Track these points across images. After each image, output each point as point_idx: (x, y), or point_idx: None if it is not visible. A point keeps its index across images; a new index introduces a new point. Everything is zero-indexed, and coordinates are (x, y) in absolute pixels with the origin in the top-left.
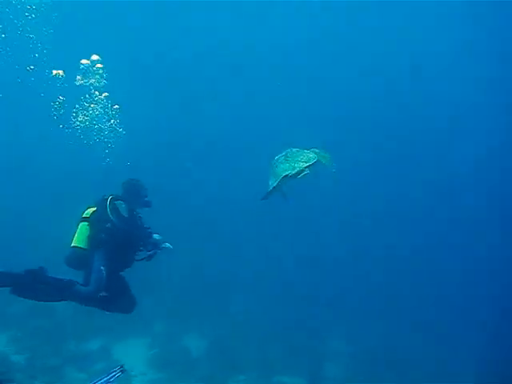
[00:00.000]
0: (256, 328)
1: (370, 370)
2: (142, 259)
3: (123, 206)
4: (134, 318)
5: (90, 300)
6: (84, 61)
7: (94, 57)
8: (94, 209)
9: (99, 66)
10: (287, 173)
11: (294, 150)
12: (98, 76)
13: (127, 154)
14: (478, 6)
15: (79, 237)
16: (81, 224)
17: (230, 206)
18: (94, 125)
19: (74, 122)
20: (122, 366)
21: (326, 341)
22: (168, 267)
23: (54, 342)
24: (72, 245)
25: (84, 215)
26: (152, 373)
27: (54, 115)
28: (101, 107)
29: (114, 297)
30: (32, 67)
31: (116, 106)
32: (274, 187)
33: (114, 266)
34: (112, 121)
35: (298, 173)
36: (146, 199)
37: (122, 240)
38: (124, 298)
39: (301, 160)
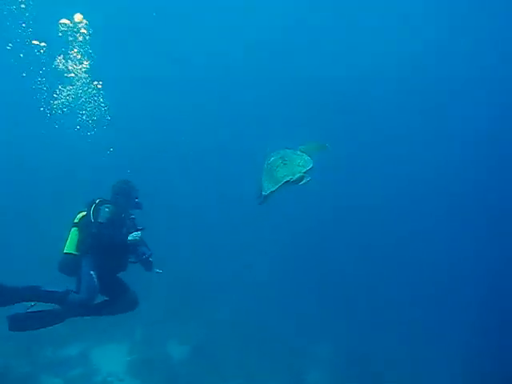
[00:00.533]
0: (239, 334)
1: (355, 375)
2: (137, 262)
3: (107, 210)
4: (113, 323)
5: (86, 307)
6: (64, 20)
7: (78, 17)
8: (84, 213)
9: (84, 31)
10: (288, 179)
11: (289, 151)
12: (80, 41)
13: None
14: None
15: (70, 243)
16: (72, 229)
17: (214, 207)
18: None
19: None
20: None
21: (311, 346)
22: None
23: (29, 348)
24: (64, 251)
25: (75, 220)
26: (130, 379)
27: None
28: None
29: (114, 299)
30: (11, 45)
31: (97, 83)
32: (272, 192)
33: (105, 270)
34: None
35: (300, 179)
36: (136, 201)
37: (107, 245)
38: (124, 297)
39: (299, 164)
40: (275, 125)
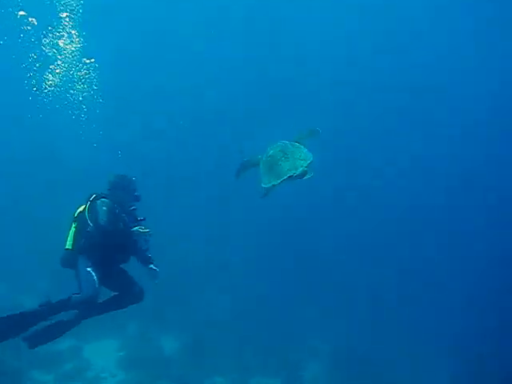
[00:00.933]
0: (236, 329)
1: (349, 371)
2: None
3: (104, 208)
4: (106, 318)
5: (92, 305)
6: None
7: None
8: (83, 207)
9: None
10: (291, 173)
11: (288, 143)
12: None
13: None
14: None
15: (70, 238)
16: (72, 224)
17: (213, 203)
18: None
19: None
20: None
21: (305, 342)
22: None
23: (20, 343)
24: (65, 247)
25: (75, 215)
26: (122, 374)
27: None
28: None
29: (122, 293)
30: None
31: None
32: (274, 185)
33: (104, 266)
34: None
35: (302, 174)
36: (135, 194)
37: (103, 242)
38: (131, 289)
39: (299, 157)
40: (271, 118)
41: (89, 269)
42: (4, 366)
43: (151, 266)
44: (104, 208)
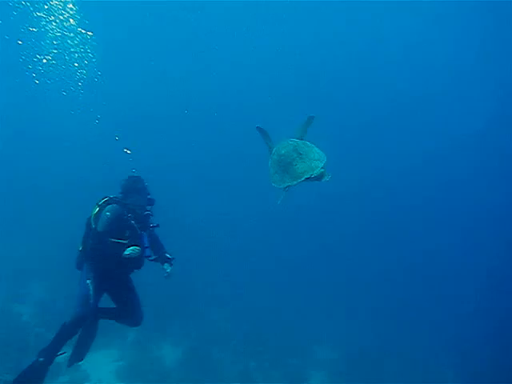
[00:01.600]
0: (237, 335)
1: (355, 377)
2: (154, 260)
3: (108, 214)
4: (103, 327)
5: (79, 323)
6: None
7: None
8: (96, 210)
9: None
10: (309, 175)
11: (300, 142)
12: None
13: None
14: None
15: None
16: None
17: (210, 210)
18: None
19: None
20: None
21: (309, 348)
22: (145, 274)
23: (14, 355)
24: (79, 248)
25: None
26: None
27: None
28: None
29: (120, 309)
30: None
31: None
32: (289, 186)
33: (105, 276)
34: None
35: (320, 176)
36: (148, 197)
37: (101, 249)
38: (130, 310)
39: (314, 158)
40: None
41: (88, 281)
42: None
43: (165, 265)
44: (107, 213)
